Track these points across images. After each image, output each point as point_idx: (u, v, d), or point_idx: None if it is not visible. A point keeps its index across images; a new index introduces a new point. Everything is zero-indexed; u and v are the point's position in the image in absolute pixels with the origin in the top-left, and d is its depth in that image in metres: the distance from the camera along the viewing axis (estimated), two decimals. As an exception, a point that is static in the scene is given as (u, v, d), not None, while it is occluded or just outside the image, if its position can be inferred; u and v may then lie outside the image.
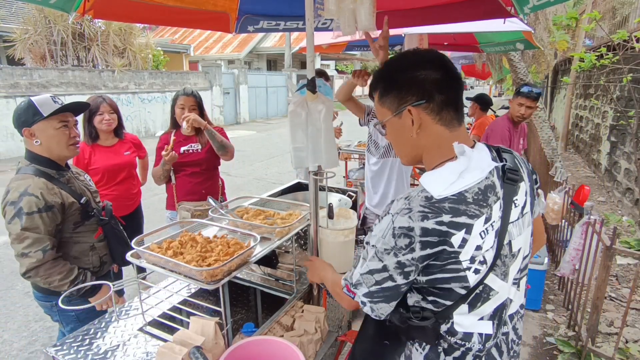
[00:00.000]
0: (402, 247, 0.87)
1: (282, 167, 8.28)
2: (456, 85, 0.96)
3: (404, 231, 0.87)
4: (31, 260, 1.52)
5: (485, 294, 0.93)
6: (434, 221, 0.85)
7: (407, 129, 0.97)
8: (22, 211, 1.49)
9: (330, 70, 24.96)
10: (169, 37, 20.33)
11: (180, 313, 1.59)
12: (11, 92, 8.89)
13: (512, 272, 0.97)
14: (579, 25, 6.41)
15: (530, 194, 1.02)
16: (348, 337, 1.70)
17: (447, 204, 0.86)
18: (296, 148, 1.51)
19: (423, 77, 0.94)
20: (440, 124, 0.95)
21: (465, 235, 0.86)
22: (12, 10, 11.88)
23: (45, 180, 1.57)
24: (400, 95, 0.97)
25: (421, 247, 0.86)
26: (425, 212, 0.86)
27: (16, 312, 3.14)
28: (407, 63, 0.98)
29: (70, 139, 1.65)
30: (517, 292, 1.01)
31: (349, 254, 1.76)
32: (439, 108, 0.94)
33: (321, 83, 1.49)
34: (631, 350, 2.56)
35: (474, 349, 0.96)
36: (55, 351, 1.35)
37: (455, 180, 0.89)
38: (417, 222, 0.86)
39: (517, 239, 0.96)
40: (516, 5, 1.72)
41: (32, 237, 1.51)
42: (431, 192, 0.88)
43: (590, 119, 7.63)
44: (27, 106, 1.57)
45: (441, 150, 0.96)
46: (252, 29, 2.34)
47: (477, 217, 0.87)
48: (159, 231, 1.60)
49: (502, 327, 0.99)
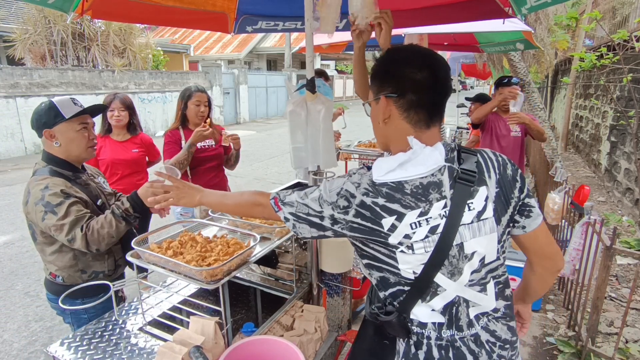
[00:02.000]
0: (339, 206, 0.97)
1: (282, 167, 8.28)
2: (436, 90, 0.98)
3: (347, 194, 0.96)
4: (78, 242, 1.49)
5: (433, 288, 0.98)
6: (371, 200, 0.94)
7: (379, 116, 1.03)
8: (50, 204, 1.49)
9: (330, 70, 24.96)
10: (169, 37, 20.33)
11: (180, 313, 1.59)
12: (11, 92, 8.89)
13: (466, 272, 0.98)
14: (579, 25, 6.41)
15: (496, 201, 0.99)
16: (348, 336, 1.70)
17: (385, 189, 0.94)
18: (296, 148, 1.51)
19: (403, 74, 0.97)
20: (406, 121, 0.99)
21: (396, 221, 0.93)
22: (11, 10, 11.88)
23: (63, 180, 1.58)
24: (380, 83, 1.02)
25: (354, 215, 0.96)
26: (367, 190, 0.95)
27: (16, 312, 3.14)
28: (399, 56, 1.01)
29: (89, 141, 1.65)
30: (480, 294, 1.01)
31: (349, 254, 1.76)
32: (408, 106, 0.98)
33: (321, 83, 1.49)
34: (631, 350, 2.56)
35: (433, 337, 1.00)
36: (56, 351, 1.35)
37: (394, 169, 0.95)
38: (359, 195, 0.95)
39: (470, 241, 0.97)
40: (514, 5, 1.72)
41: (68, 222, 1.49)
42: (373, 175, 0.96)
43: (590, 119, 7.63)
44: (49, 108, 1.57)
45: (402, 144, 1.01)
46: (250, 29, 2.34)
47: (411, 209, 0.93)
48: (160, 231, 1.60)
49: (463, 327, 1.01)
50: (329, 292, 1.91)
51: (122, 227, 1.53)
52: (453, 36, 4.33)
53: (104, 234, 1.50)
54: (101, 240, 1.50)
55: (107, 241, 1.52)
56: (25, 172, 7.77)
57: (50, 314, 3.10)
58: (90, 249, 1.51)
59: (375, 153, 4.04)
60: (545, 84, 12.17)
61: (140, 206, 1.54)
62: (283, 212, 1.07)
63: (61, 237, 1.50)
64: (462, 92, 18.18)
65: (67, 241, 1.50)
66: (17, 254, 4.19)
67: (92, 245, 1.50)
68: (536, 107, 4.94)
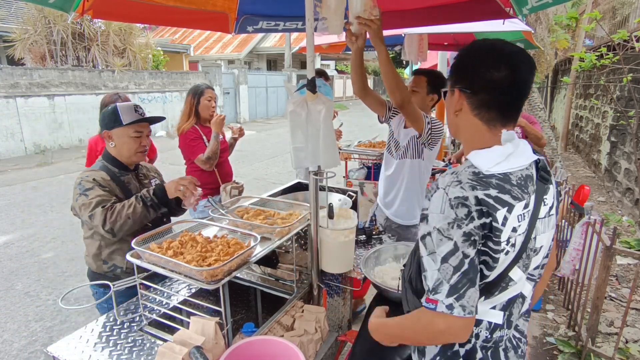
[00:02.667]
0: (462, 218, 0.87)
1: (282, 167, 8.28)
2: (513, 91, 0.96)
3: (460, 201, 0.88)
4: (97, 219, 1.61)
5: (504, 283, 0.95)
6: (483, 192, 0.88)
7: (451, 107, 1.04)
8: (84, 187, 1.67)
9: (330, 70, 24.96)
10: (169, 37, 20.33)
11: (180, 313, 1.59)
12: (11, 92, 8.88)
13: (531, 267, 1.00)
14: (579, 25, 6.41)
15: (556, 199, 1.04)
16: (348, 337, 1.70)
17: (494, 180, 0.90)
18: (296, 148, 1.51)
19: (479, 71, 0.96)
20: (478, 118, 0.99)
21: (507, 213, 0.89)
22: (11, 10, 11.87)
23: (104, 174, 1.75)
24: (456, 75, 1.02)
25: (478, 216, 0.87)
26: (474, 184, 0.89)
27: (16, 312, 3.14)
28: (479, 52, 1.00)
29: (139, 147, 1.80)
30: (532, 291, 1.03)
31: (349, 254, 1.76)
32: (479, 104, 0.98)
33: (321, 83, 1.49)
34: (631, 350, 2.56)
35: (481, 337, 0.97)
36: (56, 351, 1.35)
37: (502, 161, 0.93)
38: (469, 191, 0.88)
39: (541, 235, 0.98)
40: (515, 6, 1.72)
41: (94, 201, 1.64)
42: (479, 168, 0.92)
43: (590, 119, 7.63)
44: (112, 112, 1.73)
45: (474, 139, 1.00)
46: (251, 29, 2.34)
47: (518, 200, 0.91)
48: (160, 231, 1.60)
49: (512, 324, 1.00)
50: (329, 292, 1.91)
51: (139, 210, 1.64)
52: (453, 36, 4.32)
53: (122, 214, 1.62)
54: (118, 219, 1.61)
55: (122, 222, 1.62)
56: (25, 172, 7.78)
57: (50, 313, 3.10)
58: (105, 227, 1.60)
59: (375, 153, 4.03)
60: (545, 84, 12.17)
61: (162, 193, 1.67)
62: (441, 303, 0.88)
63: (85, 215, 1.63)
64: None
65: (88, 217, 1.63)
66: (17, 254, 4.19)
67: (108, 223, 1.60)
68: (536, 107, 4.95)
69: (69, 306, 1.45)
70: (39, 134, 9.54)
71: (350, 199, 2.12)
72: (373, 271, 1.76)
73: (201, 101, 2.72)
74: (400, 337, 1.07)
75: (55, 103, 9.79)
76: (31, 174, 7.59)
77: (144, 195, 1.68)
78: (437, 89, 2.33)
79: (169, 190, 1.69)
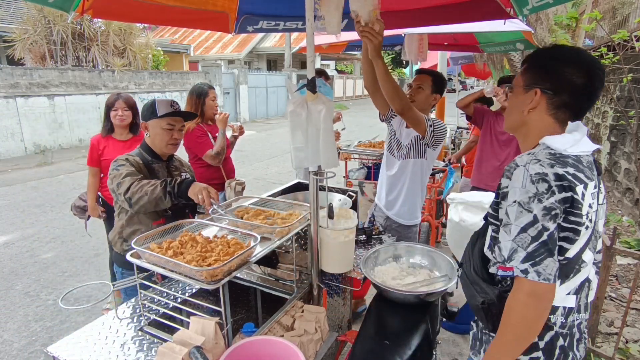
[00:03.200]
0: (543, 192, 0.93)
1: (282, 167, 8.28)
2: (589, 97, 1.04)
3: (541, 176, 0.94)
4: (124, 187, 1.73)
5: (577, 265, 1.00)
6: (562, 170, 0.95)
7: (524, 104, 1.08)
8: (117, 164, 1.82)
9: (330, 70, 24.97)
10: (169, 37, 20.33)
11: (180, 313, 1.59)
12: (11, 92, 8.88)
13: (597, 250, 1.06)
14: (579, 25, 6.41)
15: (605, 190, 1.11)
16: (348, 337, 1.70)
17: (570, 160, 0.98)
18: (296, 148, 1.51)
19: (564, 74, 1.02)
20: (552, 118, 1.05)
21: (584, 190, 0.95)
22: (11, 10, 11.87)
23: (138, 159, 1.90)
24: (538, 75, 1.06)
25: (558, 190, 0.93)
26: (552, 162, 0.96)
27: (16, 312, 3.14)
28: (564, 56, 1.05)
29: (170, 139, 1.92)
30: (594, 275, 1.07)
31: (349, 254, 1.76)
32: (559, 105, 1.04)
33: (321, 83, 1.49)
34: (631, 350, 2.56)
35: (558, 324, 1.01)
36: (56, 351, 1.35)
37: (574, 145, 1.00)
38: (548, 168, 0.95)
39: (600, 221, 1.05)
40: (515, 6, 1.72)
41: (124, 172, 1.77)
42: (556, 149, 0.99)
43: (590, 119, 7.63)
44: (150, 104, 1.88)
45: (540, 136, 1.06)
46: (251, 29, 2.34)
47: (590, 180, 0.98)
48: (160, 231, 1.60)
49: (581, 309, 1.04)
50: (329, 292, 1.91)
51: (157, 191, 1.71)
52: (453, 36, 4.32)
53: (143, 188, 1.72)
54: (139, 191, 1.71)
55: (140, 195, 1.71)
56: (25, 172, 7.77)
57: (50, 313, 3.10)
58: (127, 194, 1.72)
59: (375, 153, 4.04)
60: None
61: (185, 187, 1.73)
62: (517, 268, 0.94)
63: (114, 183, 1.75)
64: (462, 92, 18.18)
65: (116, 185, 1.74)
66: (17, 254, 4.19)
67: (129, 192, 1.71)
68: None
69: (69, 306, 1.45)
70: (39, 134, 9.54)
71: (350, 199, 2.12)
72: (373, 271, 1.76)
73: (206, 101, 2.84)
74: (511, 340, 0.99)
75: (55, 103, 9.79)
76: (31, 174, 7.59)
77: (169, 180, 1.76)
78: (440, 89, 2.38)
79: (192, 190, 1.73)
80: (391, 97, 2.00)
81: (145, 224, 1.89)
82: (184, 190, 1.73)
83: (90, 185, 2.81)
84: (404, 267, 1.82)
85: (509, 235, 0.96)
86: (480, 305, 1.06)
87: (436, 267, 1.78)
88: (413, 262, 1.85)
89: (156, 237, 1.55)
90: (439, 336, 2.01)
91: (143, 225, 1.88)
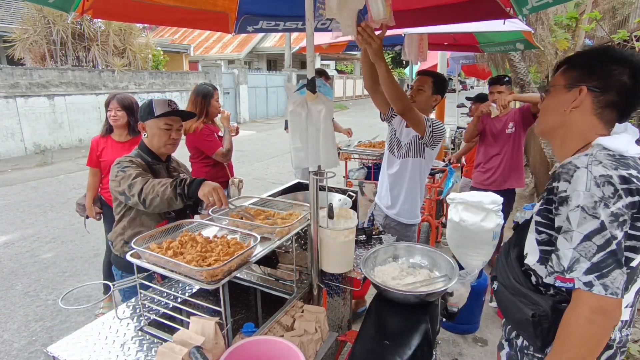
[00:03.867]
0: (609, 196, 0.86)
1: (282, 167, 8.28)
2: (636, 98, 0.99)
3: (606, 179, 0.87)
4: (137, 186, 1.70)
5: (636, 275, 0.94)
6: (626, 172, 0.88)
7: (565, 103, 1.03)
8: (122, 166, 1.79)
9: (330, 70, 24.98)
10: (169, 37, 20.32)
11: (180, 313, 1.59)
12: (11, 92, 8.88)
13: None
14: (579, 25, 6.41)
15: None
16: (348, 337, 1.70)
17: (631, 162, 0.91)
18: (296, 148, 1.51)
19: (612, 73, 0.98)
20: (597, 117, 1.00)
21: None
22: (11, 10, 11.87)
23: (139, 160, 1.86)
24: (583, 74, 1.02)
25: (625, 194, 0.86)
26: (615, 164, 0.89)
27: (16, 312, 3.14)
28: (610, 56, 1.01)
29: (169, 139, 1.89)
30: None
31: (349, 254, 1.76)
32: (606, 104, 0.99)
33: (321, 83, 1.49)
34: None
35: (617, 340, 0.95)
36: (56, 351, 1.35)
37: (631, 147, 0.95)
38: (612, 170, 0.88)
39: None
40: (515, 6, 1.72)
41: (134, 173, 1.75)
42: (616, 150, 0.93)
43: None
44: (147, 104, 1.86)
45: (582, 138, 1.01)
46: (251, 29, 2.34)
47: None
48: (160, 231, 1.60)
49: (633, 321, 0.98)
50: (329, 292, 1.91)
51: (168, 192, 1.67)
52: (453, 36, 4.32)
53: (155, 188, 1.68)
54: (151, 191, 1.68)
55: (153, 196, 1.67)
56: (25, 172, 7.77)
57: (50, 313, 3.10)
58: (141, 195, 1.69)
59: (375, 153, 4.04)
60: (545, 83, 12.17)
61: (195, 187, 1.67)
62: (578, 280, 0.86)
63: (125, 184, 1.72)
64: (462, 92, 18.17)
65: (128, 186, 1.71)
66: (17, 254, 4.19)
67: (143, 192, 1.69)
68: (536, 107, 4.95)
69: (69, 306, 1.45)
70: (39, 134, 9.54)
71: (350, 199, 2.12)
72: (373, 271, 1.76)
73: (212, 102, 2.90)
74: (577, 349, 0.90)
75: (55, 103, 9.79)
76: (31, 174, 7.59)
77: (178, 182, 1.69)
78: (440, 90, 2.40)
79: (202, 190, 1.65)
80: (393, 98, 2.02)
81: (147, 226, 1.86)
82: (193, 191, 1.67)
83: (90, 185, 2.81)
84: (404, 267, 1.82)
85: (569, 242, 0.88)
86: (531, 319, 0.96)
87: (436, 267, 1.78)
88: (413, 262, 1.85)
89: (156, 237, 1.55)
90: (439, 336, 2.01)
91: (145, 227, 1.85)
